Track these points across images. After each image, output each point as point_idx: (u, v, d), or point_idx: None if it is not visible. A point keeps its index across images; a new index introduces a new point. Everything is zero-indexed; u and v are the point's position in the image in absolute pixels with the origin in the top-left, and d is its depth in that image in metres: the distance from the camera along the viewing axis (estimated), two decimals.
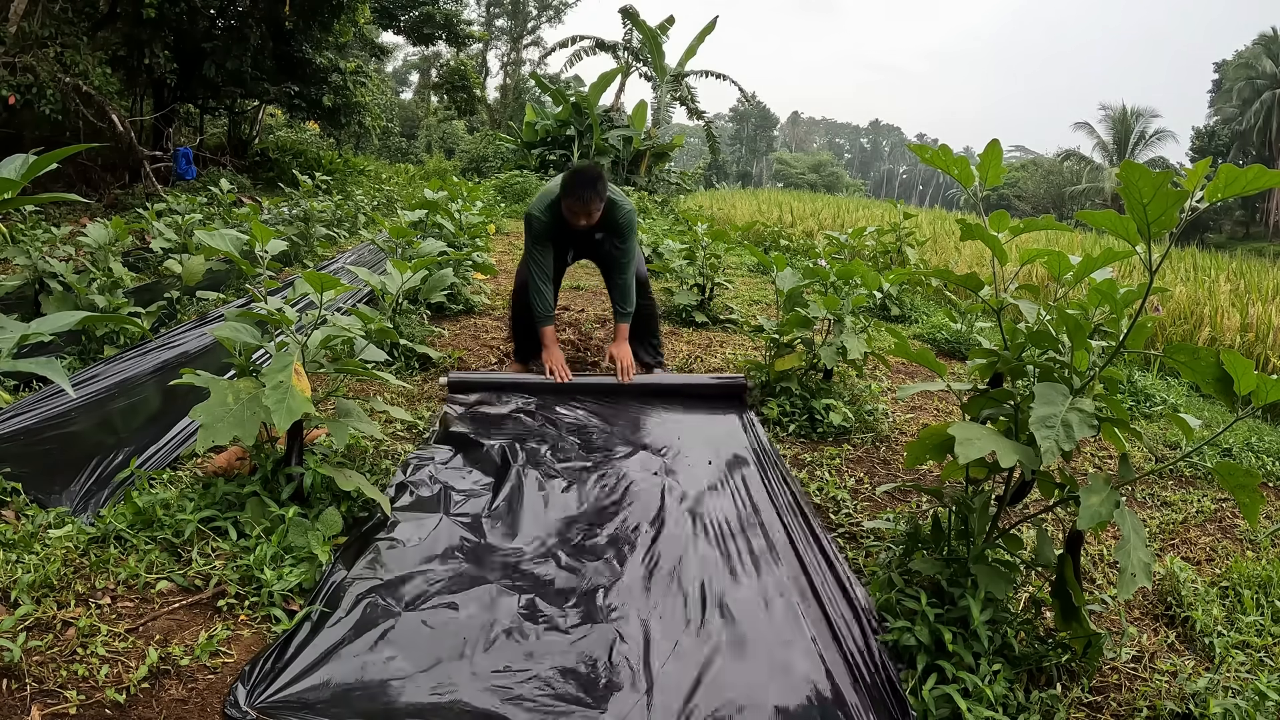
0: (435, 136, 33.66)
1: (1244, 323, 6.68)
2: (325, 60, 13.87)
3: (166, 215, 6.63)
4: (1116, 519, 1.74)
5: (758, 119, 75.52)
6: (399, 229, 4.98)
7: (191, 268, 4.99)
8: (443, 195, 7.32)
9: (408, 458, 3.01)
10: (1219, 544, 2.99)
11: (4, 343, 1.50)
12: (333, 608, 2.05)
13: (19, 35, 8.79)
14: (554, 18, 39.24)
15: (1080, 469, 3.69)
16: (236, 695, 1.72)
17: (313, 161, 15.40)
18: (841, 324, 3.86)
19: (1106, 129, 43.13)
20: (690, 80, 22.32)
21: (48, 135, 9.89)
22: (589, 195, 3.60)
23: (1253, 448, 4.01)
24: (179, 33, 11.65)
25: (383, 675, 1.85)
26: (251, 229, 2.77)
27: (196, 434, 2.38)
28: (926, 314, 7.00)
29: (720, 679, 1.90)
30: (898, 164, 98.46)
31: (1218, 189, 1.61)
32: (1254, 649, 2.26)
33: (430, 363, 4.38)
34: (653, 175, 19.45)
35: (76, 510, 2.48)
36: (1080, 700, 2.00)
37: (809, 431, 3.76)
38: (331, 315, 2.67)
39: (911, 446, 2.21)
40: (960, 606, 2.02)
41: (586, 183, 3.60)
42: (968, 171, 2.07)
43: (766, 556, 2.48)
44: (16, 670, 1.75)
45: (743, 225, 9.57)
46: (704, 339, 5.61)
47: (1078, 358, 1.94)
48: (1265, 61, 37.46)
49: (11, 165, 1.67)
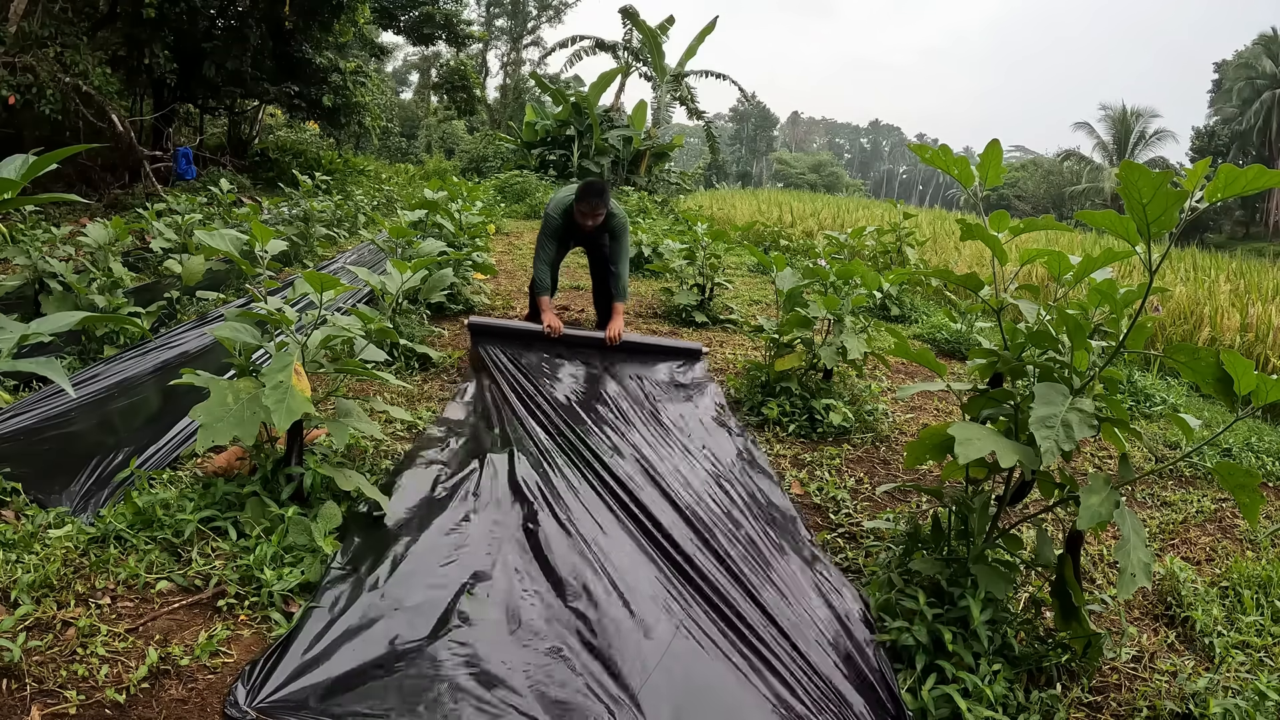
0: (435, 136, 33.64)
1: (1244, 323, 6.68)
2: (325, 60, 13.86)
3: (166, 215, 6.63)
4: (1116, 519, 1.74)
5: (758, 119, 75.51)
6: (399, 229, 4.98)
7: (191, 268, 4.98)
8: (442, 195, 7.32)
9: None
10: (1219, 544, 2.99)
11: (4, 343, 1.50)
12: (333, 607, 2.05)
13: (19, 35, 8.79)
14: (554, 18, 39.21)
15: (1080, 469, 3.69)
16: (236, 695, 1.72)
17: (313, 161, 15.38)
18: (841, 324, 3.86)
19: (1106, 129, 43.12)
20: (690, 80, 22.30)
21: (48, 135, 9.89)
22: (597, 202, 4.57)
23: (1253, 448, 4.01)
24: (179, 33, 11.64)
25: (383, 674, 1.85)
26: (251, 229, 2.77)
27: (196, 434, 2.37)
28: (926, 314, 7.01)
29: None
30: (898, 164, 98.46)
31: (1217, 189, 1.61)
32: (1254, 649, 2.26)
33: (430, 363, 4.38)
34: (653, 175, 19.44)
35: (76, 510, 2.48)
36: (1080, 700, 2.00)
37: (809, 431, 3.76)
38: (331, 315, 2.67)
39: (911, 446, 2.21)
40: (960, 606, 2.02)
41: (596, 192, 4.56)
42: (968, 171, 2.07)
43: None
44: (16, 670, 1.75)
45: (742, 225, 9.59)
46: (704, 339, 5.61)
47: (1078, 358, 1.94)
48: (1265, 61, 37.44)
49: (11, 165, 1.67)
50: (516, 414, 3.60)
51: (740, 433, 3.65)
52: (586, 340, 4.61)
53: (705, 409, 3.91)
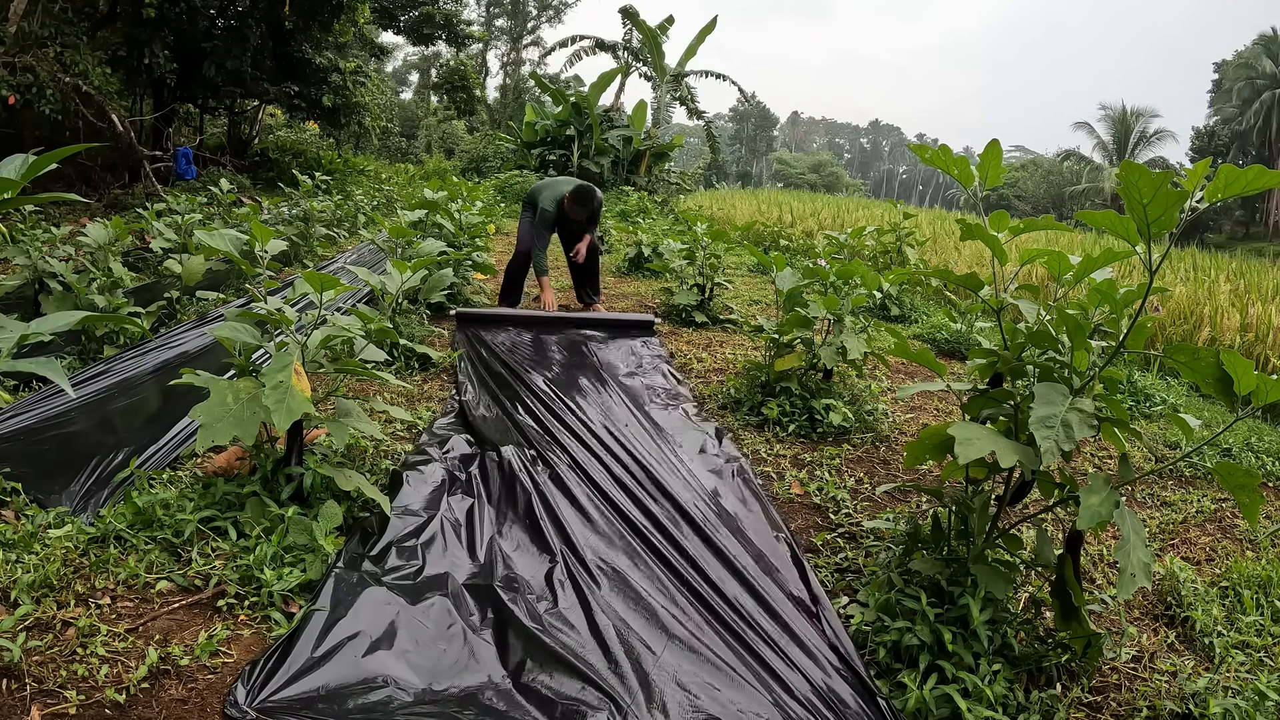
0: (435, 136, 33.63)
1: (1244, 323, 6.67)
2: (325, 60, 13.85)
3: (166, 215, 6.63)
4: (1116, 519, 1.74)
5: (757, 119, 75.45)
6: (399, 229, 4.98)
7: (191, 268, 4.98)
8: (442, 195, 7.32)
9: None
10: (1219, 544, 2.99)
11: (4, 343, 1.50)
12: (335, 608, 2.05)
13: (19, 35, 8.79)
14: (554, 18, 39.21)
15: (1080, 469, 3.69)
16: (236, 695, 1.72)
17: (312, 161, 15.38)
18: (841, 324, 3.86)
19: (1106, 129, 43.10)
20: (690, 80, 22.29)
21: (47, 135, 9.89)
22: (588, 203, 5.64)
23: (1253, 448, 4.00)
24: (179, 33, 11.64)
25: (383, 674, 1.85)
26: (251, 229, 2.77)
27: (196, 434, 2.37)
28: (926, 314, 7.00)
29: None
30: (898, 164, 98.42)
31: (1218, 189, 1.61)
32: (1254, 649, 2.26)
33: (430, 363, 4.38)
34: (652, 175, 19.43)
35: (76, 510, 2.48)
36: (1080, 700, 2.00)
37: (809, 431, 3.76)
38: (331, 315, 2.67)
39: (911, 446, 2.21)
40: (960, 606, 2.02)
41: (588, 197, 5.60)
42: (968, 171, 2.07)
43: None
44: (16, 670, 1.75)
45: (742, 225, 9.58)
46: (704, 339, 5.61)
47: (1078, 358, 1.94)
48: (1265, 61, 37.43)
49: (11, 165, 1.67)
50: (515, 397, 3.88)
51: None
52: (578, 320, 5.55)
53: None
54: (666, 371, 4.58)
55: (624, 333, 5.41)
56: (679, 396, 4.14)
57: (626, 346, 5.09)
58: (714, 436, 3.56)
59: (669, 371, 4.58)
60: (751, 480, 3.12)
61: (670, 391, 4.23)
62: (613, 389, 4.14)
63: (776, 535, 2.67)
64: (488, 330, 5.13)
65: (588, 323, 5.51)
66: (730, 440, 3.58)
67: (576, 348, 4.96)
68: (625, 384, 4.28)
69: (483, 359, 4.51)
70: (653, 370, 4.61)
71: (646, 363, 4.75)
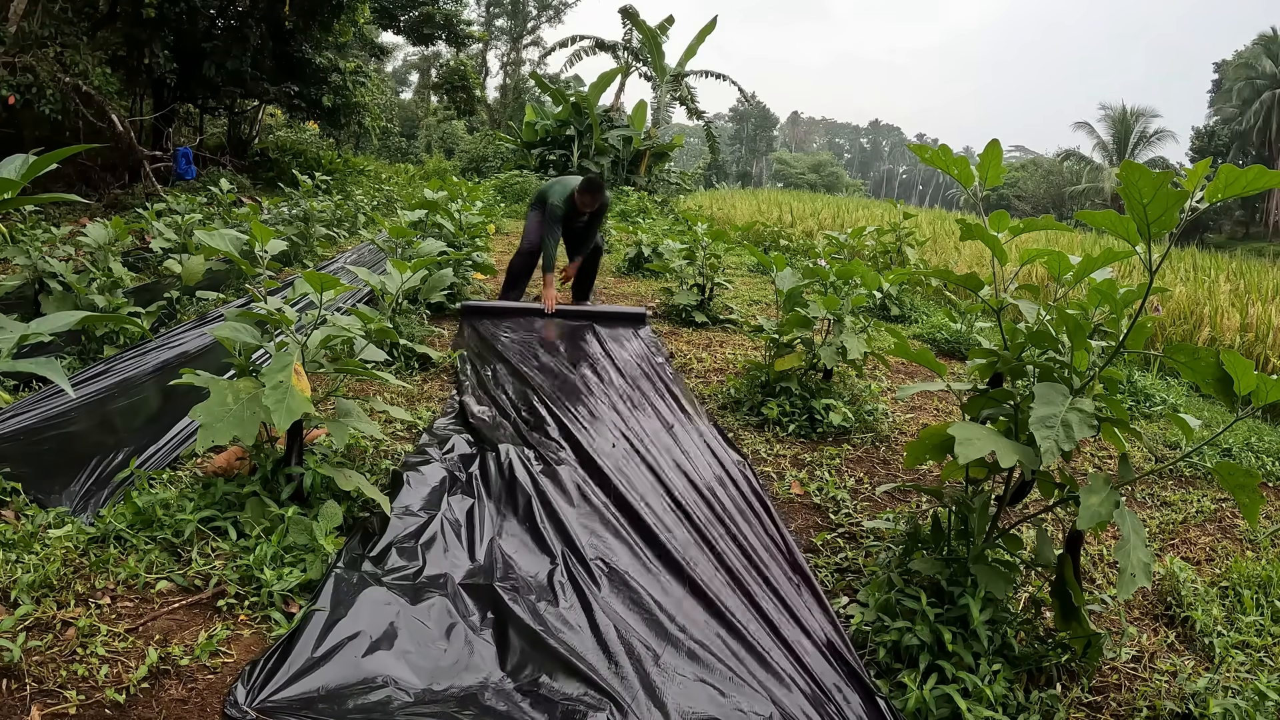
0: (435, 136, 33.63)
1: (1244, 323, 6.67)
2: (325, 60, 13.85)
3: (166, 215, 6.63)
4: (1116, 519, 1.74)
5: (757, 119, 75.41)
6: (399, 229, 4.98)
7: (191, 268, 4.98)
8: (442, 195, 7.32)
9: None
10: (1219, 544, 2.99)
11: (4, 343, 1.50)
12: (335, 608, 2.05)
13: (19, 35, 8.79)
14: (554, 18, 39.19)
15: (1080, 469, 3.69)
16: (236, 695, 1.72)
17: (312, 161, 15.38)
18: (841, 324, 3.86)
19: (1106, 129, 43.09)
20: (690, 80, 22.29)
21: (47, 135, 9.88)
22: (598, 193, 5.66)
23: (1253, 448, 4.01)
24: (179, 33, 11.63)
25: (383, 674, 1.85)
26: (251, 229, 2.77)
27: (196, 434, 2.38)
28: (926, 314, 7.00)
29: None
30: (898, 164, 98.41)
31: (1218, 189, 1.61)
32: (1254, 649, 2.26)
33: (430, 363, 4.38)
34: (652, 175, 19.42)
35: (76, 510, 2.48)
36: (1080, 700, 2.00)
37: (809, 431, 3.76)
38: (331, 315, 2.67)
39: (911, 446, 2.21)
40: (960, 606, 2.02)
41: (597, 186, 5.66)
42: (967, 171, 2.07)
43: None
44: (16, 670, 1.75)
45: (742, 225, 9.59)
46: (704, 339, 5.61)
47: (1078, 358, 1.94)
48: (1265, 61, 37.42)
49: (11, 165, 1.67)
50: (515, 395, 3.94)
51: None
52: (580, 313, 5.79)
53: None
54: (665, 370, 4.61)
55: (621, 326, 5.54)
56: (678, 396, 4.13)
57: (625, 343, 5.14)
58: (714, 435, 3.55)
59: (667, 370, 4.62)
60: (752, 479, 3.12)
61: (670, 391, 4.23)
62: (612, 387, 4.14)
63: (776, 535, 2.67)
64: (489, 327, 5.19)
65: (585, 315, 5.65)
66: (731, 439, 3.57)
67: (576, 345, 5.02)
68: (624, 383, 4.28)
69: (483, 357, 4.53)
70: (652, 370, 4.63)
71: (646, 361, 4.78)
